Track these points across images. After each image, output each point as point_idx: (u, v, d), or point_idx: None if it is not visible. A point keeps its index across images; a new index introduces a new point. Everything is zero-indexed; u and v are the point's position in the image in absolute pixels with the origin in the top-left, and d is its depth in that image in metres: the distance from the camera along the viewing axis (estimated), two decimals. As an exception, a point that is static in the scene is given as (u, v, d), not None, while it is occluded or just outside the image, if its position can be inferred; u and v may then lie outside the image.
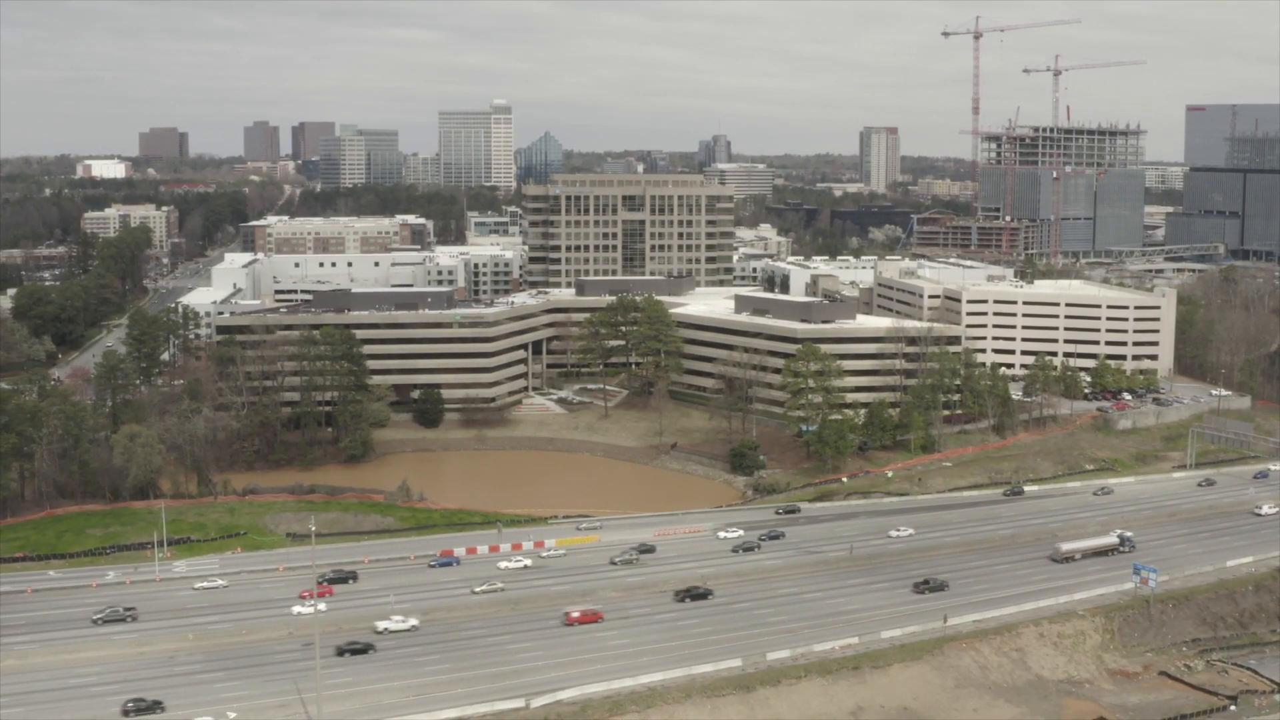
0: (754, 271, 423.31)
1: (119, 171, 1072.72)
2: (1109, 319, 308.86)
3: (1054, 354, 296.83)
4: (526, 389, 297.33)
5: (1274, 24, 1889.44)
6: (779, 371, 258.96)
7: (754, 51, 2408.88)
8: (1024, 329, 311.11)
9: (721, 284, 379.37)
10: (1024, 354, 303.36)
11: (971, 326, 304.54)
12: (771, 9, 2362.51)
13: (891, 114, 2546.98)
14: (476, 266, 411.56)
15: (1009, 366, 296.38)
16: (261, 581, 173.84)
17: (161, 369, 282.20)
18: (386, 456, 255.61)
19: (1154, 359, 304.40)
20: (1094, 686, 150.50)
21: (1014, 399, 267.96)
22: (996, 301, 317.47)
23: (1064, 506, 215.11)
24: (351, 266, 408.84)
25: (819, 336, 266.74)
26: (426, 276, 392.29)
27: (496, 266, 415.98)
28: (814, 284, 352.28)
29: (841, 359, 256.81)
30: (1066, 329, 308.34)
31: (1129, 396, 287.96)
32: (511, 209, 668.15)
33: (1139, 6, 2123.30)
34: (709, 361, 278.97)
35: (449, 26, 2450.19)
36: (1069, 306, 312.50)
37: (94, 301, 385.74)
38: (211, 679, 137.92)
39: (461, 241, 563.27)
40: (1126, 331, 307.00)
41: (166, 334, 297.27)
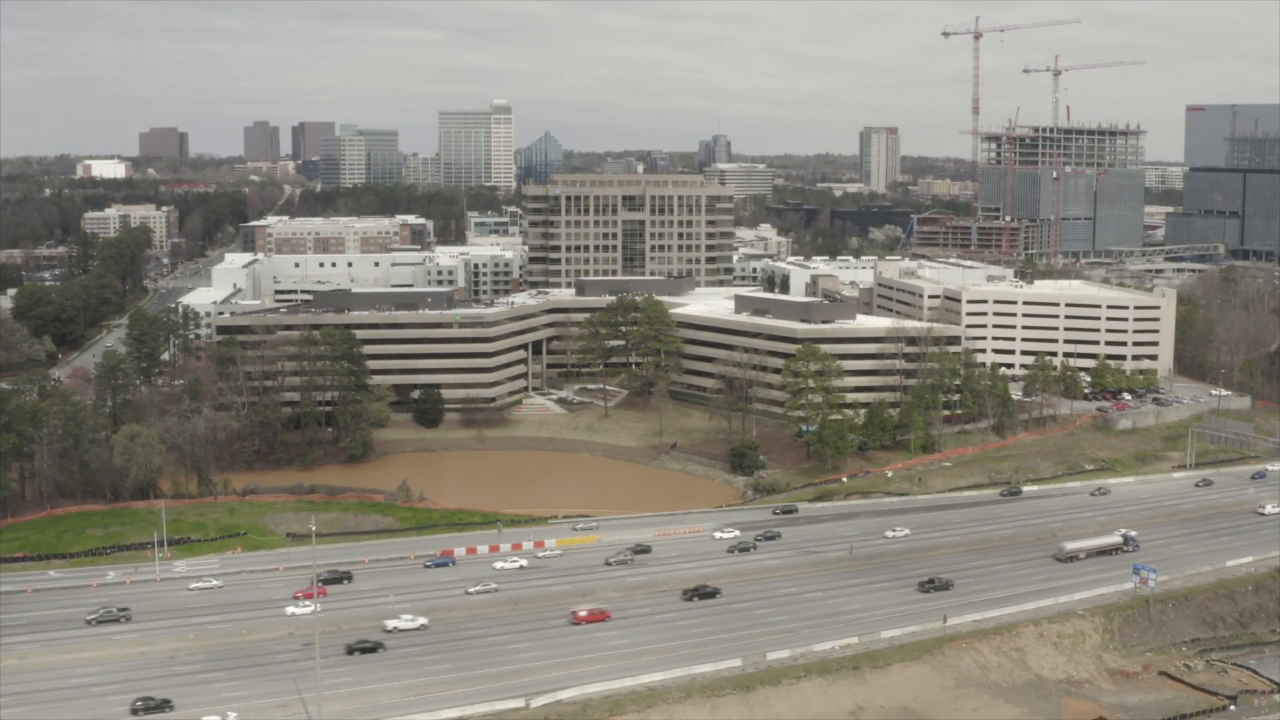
0: (754, 272, 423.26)
1: (119, 171, 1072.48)
2: (1109, 319, 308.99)
3: (1054, 354, 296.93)
4: (526, 389, 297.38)
5: (1274, 24, 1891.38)
6: (779, 371, 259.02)
7: (754, 51, 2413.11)
8: (1024, 329, 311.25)
9: (721, 284, 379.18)
10: (1024, 354, 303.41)
11: (971, 327, 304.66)
12: (771, 9, 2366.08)
13: (891, 114, 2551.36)
14: (476, 267, 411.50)
15: (1009, 366, 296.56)
16: (261, 581, 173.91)
17: (161, 369, 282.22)
18: (386, 456, 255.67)
19: (1154, 359, 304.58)
20: (1094, 686, 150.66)
21: (1014, 399, 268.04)
22: (996, 301, 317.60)
23: (1064, 506, 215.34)
24: (351, 267, 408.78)
25: (819, 336, 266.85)
26: (426, 277, 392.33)
27: (496, 267, 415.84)
28: (814, 284, 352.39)
29: (841, 359, 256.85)
30: (1066, 329, 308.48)
31: (1129, 396, 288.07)
32: (511, 209, 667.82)
33: (1139, 6, 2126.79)
34: (709, 361, 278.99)
35: (449, 26, 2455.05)
36: (1069, 306, 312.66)
37: (94, 301, 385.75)
38: (212, 679, 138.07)
39: (461, 241, 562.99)
40: (1126, 331, 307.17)
41: (166, 334, 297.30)
